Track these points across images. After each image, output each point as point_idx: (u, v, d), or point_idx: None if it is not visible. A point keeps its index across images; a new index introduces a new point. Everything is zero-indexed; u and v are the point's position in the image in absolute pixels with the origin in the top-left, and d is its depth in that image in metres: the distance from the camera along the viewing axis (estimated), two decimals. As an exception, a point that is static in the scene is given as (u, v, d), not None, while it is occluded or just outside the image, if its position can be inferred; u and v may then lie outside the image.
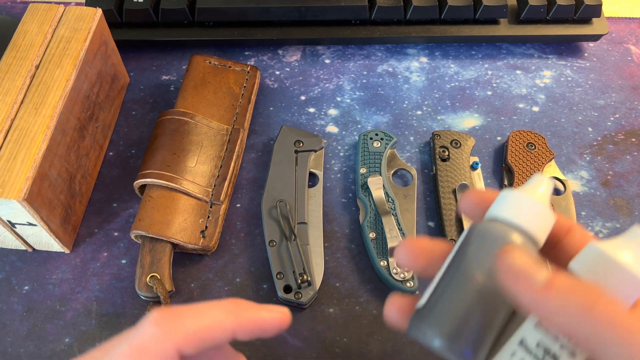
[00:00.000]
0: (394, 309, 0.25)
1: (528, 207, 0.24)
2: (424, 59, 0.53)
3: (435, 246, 0.26)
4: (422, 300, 0.25)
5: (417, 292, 0.40)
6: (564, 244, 0.25)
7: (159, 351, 0.22)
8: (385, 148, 0.45)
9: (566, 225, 0.25)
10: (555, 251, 0.25)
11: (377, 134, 0.46)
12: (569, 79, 0.52)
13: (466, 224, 0.41)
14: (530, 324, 0.22)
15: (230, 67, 0.48)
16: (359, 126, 0.49)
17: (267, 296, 0.40)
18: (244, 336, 0.24)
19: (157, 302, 0.39)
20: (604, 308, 0.19)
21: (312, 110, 0.49)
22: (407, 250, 0.26)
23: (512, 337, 0.23)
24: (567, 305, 0.20)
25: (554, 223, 0.24)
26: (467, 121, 0.49)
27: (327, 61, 0.53)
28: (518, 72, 0.53)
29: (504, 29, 0.53)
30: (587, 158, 0.47)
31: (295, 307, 0.39)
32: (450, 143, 0.46)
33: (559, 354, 0.21)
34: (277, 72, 0.52)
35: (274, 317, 0.25)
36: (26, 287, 0.40)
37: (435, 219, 0.44)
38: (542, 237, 0.24)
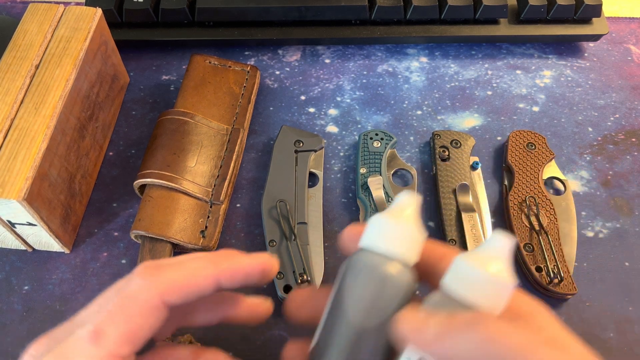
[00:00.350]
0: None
1: (394, 232, 0.24)
2: (424, 59, 0.53)
3: (320, 294, 0.27)
4: (313, 342, 0.26)
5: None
6: (440, 269, 0.25)
7: (146, 300, 0.23)
8: (385, 148, 0.45)
9: (440, 252, 0.26)
10: (433, 276, 0.26)
11: (377, 134, 0.46)
12: (569, 78, 0.52)
13: (466, 224, 0.41)
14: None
15: (230, 67, 0.48)
16: (359, 126, 0.49)
17: (267, 296, 0.40)
18: (229, 283, 0.25)
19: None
20: (486, 329, 0.21)
21: (312, 110, 0.49)
22: (290, 304, 0.28)
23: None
24: (458, 342, 0.21)
25: (424, 238, 0.25)
26: (467, 121, 0.49)
27: (327, 61, 0.53)
28: (518, 72, 0.53)
29: (504, 28, 0.53)
30: (587, 158, 0.47)
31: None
32: (451, 143, 0.46)
33: None
34: (277, 72, 0.52)
35: (256, 262, 0.25)
36: (26, 287, 0.40)
37: (435, 219, 0.44)
38: (413, 256, 0.25)
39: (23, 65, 0.39)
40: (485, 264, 0.22)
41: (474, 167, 0.45)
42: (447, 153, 0.45)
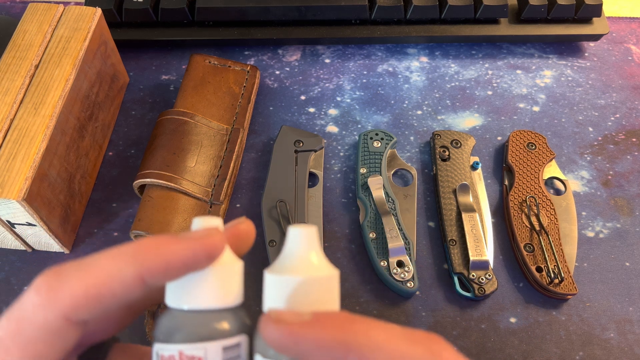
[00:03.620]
0: None
1: (293, 288, 0.20)
2: (424, 59, 0.53)
3: None
4: None
5: (418, 292, 0.40)
6: None
7: (41, 322, 0.18)
8: (386, 148, 0.45)
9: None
10: None
11: (377, 134, 0.46)
12: (570, 78, 0.52)
13: (466, 225, 0.41)
14: None
15: (230, 66, 0.48)
16: (359, 126, 0.49)
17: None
18: (160, 280, 0.19)
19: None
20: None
21: (312, 110, 0.49)
22: None
23: None
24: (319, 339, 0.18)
25: (336, 276, 0.21)
26: (468, 121, 0.49)
27: (327, 61, 0.53)
28: (518, 71, 0.53)
29: (505, 28, 0.53)
30: (588, 158, 0.47)
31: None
32: (451, 143, 0.46)
33: None
34: (277, 72, 0.52)
35: (195, 245, 0.19)
36: (26, 288, 0.40)
37: (435, 219, 0.44)
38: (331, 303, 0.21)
39: (22, 65, 0.39)
40: (294, 270, 0.20)
41: (474, 167, 0.45)
42: (447, 153, 0.45)
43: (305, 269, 0.20)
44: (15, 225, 0.38)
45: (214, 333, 0.20)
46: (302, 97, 0.50)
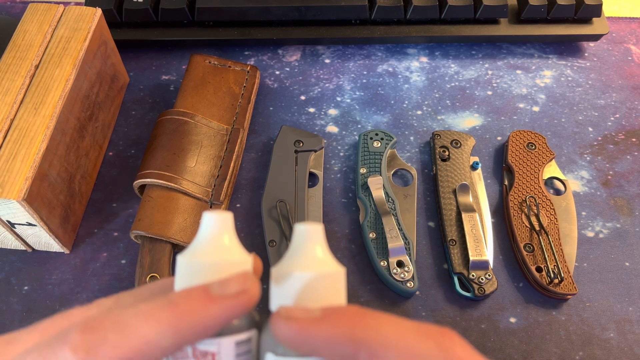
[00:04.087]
0: None
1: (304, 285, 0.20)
2: (424, 59, 0.53)
3: None
4: None
5: (418, 292, 0.40)
6: None
7: None
8: (386, 148, 0.45)
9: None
10: None
11: (377, 134, 0.46)
12: (569, 78, 0.52)
13: (466, 225, 0.41)
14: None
15: (230, 66, 0.48)
16: (359, 126, 0.49)
17: (267, 296, 0.40)
18: (195, 341, 0.19)
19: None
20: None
21: (312, 110, 0.49)
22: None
23: None
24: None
25: (343, 273, 0.21)
26: (468, 121, 0.49)
27: (327, 61, 0.53)
28: (518, 72, 0.53)
29: (504, 28, 0.53)
30: (588, 158, 0.47)
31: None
32: (451, 143, 0.46)
33: None
34: (277, 72, 0.52)
35: (234, 307, 0.19)
36: (26, 288, 0.40)
37: (435, 219, 0.44)
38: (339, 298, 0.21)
39: (23, 65, 0.39)
40: (301, 266, 0.20)
41: (474, 167, 0.45)
42: (447, 153, 0.45)
43: (312, 266, 0.20)
44: (16, 225, 0.38)
45: (226, 328, 0.20)
46: (302, 97, 0.50)
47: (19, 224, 0.37)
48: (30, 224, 0.37)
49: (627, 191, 0.45)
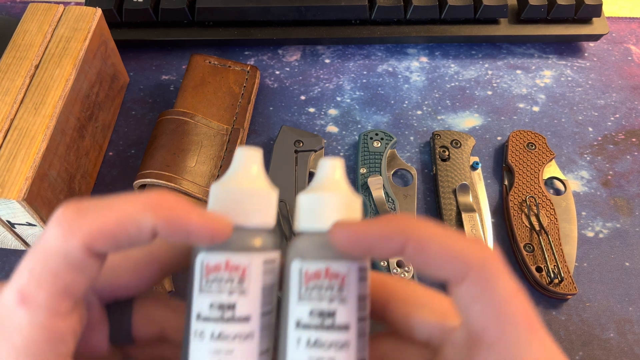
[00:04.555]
0: None
1: (324, 206, 0.22)
2: (424, 59, 0.53)
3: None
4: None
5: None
6: (393, 303, 0.23)
7: (63, 250, 0.20)
8: (385, 148, 0.45)
9: (381, 281, 0.24)
10: (388, 312, 0.24)
11: (377, 134, 0.46)
12: (569, 78, 0.52)
13: (466, 224, 0.41)
14: (294, 303, 0.21)
15: (230, 66, 0.48)
16: (359, 126, 0.49)
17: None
18: (167, 236, 0.20)
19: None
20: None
21: (312, 110, 0.49)
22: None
23: (286, 329, 0.21)
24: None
25: (360, 200, 0.23)
26: (467, 121, 0.49)
27: (327, 61, 0.53)
28: (518, 72, 0.53)
29: (504, 28, 0.53)
30: (588, 158, 0.47)
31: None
32: (451, 143, 0.46)
33: (332, 307, 0.21)
34: (277, 72, 0.52)
35: (203, 222, 0.20)
36: (26, 287, 0.40)
37: (435, 219, 0.44)
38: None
39: (23, 65, 0.39)
40: (325, 189, 0.22)
41: (474, 167, 0.45)
42: (447, 153, 0.45)
43: (336, 189, 0.22)
44: (16, 226, 0.38)
45: (258, 246, 0.21)
46: (302, 97, 0.50)
47: (19, 224, 0.37)
48: (30, 224, 0.37)
49: (627, 191, 0.45)
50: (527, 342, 0.19)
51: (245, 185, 0.22)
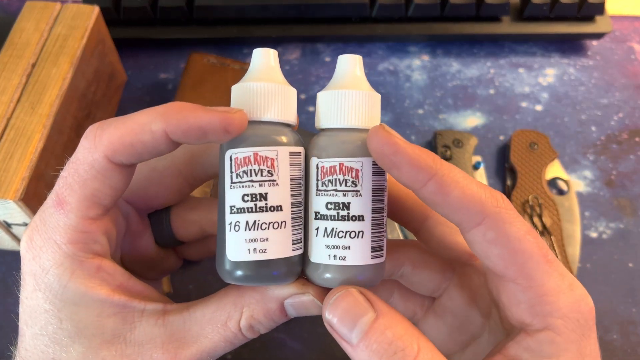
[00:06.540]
0: None
1: (344, 103, 0.23)
2: (425, 57, 0.53)
3: None
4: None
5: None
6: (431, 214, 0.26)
7: (90, 162, 0.23)
8: (386, 147, 0.45)
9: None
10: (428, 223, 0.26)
11: (378, 133, 0.45)
12: (572, 77, 0.52)
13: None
14: (313, 196, 0.23)
15: (229, 65, 0.48)
16: (360, 125, 0.48)
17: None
18: (182, 138, 0.22)
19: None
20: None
21: (312, 109, 0.49)
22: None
23: (308, 220, 0.23)
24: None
25: (379, 97, 0.25)
26: (470, 120, 0.49)
27: (327, 59, 0.52)
28: (521, 70, 0.52)
29: (507, 26, 0.52)
30: (591, 158, 0.47)
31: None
32: (452, 142, 0.45)
33: (347, 200, 0.22)
34: (277, 71, 0.51)
35: (213, 116, 0.22)
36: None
37: (436, 219, 0.43)
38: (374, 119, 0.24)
39: (19, 63, 0.39)
40: (344, 86, 0.23)
41: (476, 166, 0.45)
42: (449, 152, 0.45)
43: (357, 85, 0.23)
44: (12, 226, 0.37)
45: (283, 140, 0.23)
46: (302, 97, 0.50)
47: (16, 224, 0.37)
48: (26, 224, 0.37)
49: (631, 191, 0.45)
50: (546, 274, 0.21)
51: (264, 82, 0.23)
